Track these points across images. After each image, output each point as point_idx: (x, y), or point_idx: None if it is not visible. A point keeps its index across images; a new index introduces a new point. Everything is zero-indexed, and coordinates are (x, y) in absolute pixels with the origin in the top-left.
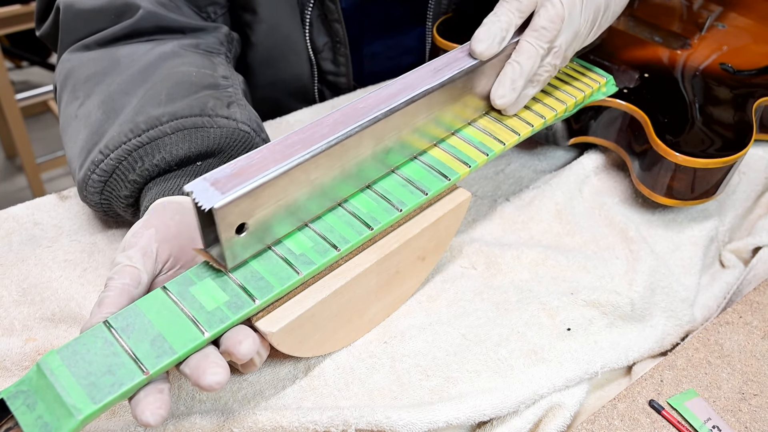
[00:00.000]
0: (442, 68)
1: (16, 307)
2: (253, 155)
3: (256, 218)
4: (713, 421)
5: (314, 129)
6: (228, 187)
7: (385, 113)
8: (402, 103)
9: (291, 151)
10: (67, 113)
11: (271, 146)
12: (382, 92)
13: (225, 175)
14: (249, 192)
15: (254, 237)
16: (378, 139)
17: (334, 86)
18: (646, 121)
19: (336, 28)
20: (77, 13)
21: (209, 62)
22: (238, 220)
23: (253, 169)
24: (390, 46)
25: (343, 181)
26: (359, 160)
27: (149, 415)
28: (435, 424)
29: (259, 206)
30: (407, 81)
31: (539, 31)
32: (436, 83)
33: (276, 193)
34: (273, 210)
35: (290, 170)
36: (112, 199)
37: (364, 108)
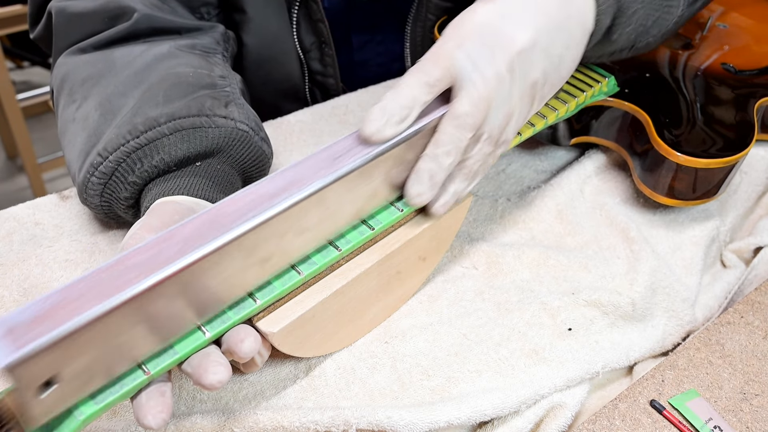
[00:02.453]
0: (341, 155)
1: (16, 307)
2: (71, 287)
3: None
4: (714, 421)
5: (160, 246)
6: (25, 339)
7: (255, 224)
8: (281, 207)
9: (123, 279)
10: (64, 117)
11: (99, 272)
12: (261, 189)
13: (28, 318)
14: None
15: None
16: (250, 251)
17: (323, 87)
18: (647, 121)
19: (320, 27)
20: (70, 17)
21: (206, 62)
22: (43, 376)
23: (68, 308)
24: (380, 53)
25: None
26: (224, 276)
27: (151, 419)
28: (436, 424)
29: (75, 355)
30: (295, 173)
31: (459, 118)
32: (329, 179)
33: (98, 337)
34: (99, 353)
35: (114, 310)
36: (113, 201)
37: (232, 213)
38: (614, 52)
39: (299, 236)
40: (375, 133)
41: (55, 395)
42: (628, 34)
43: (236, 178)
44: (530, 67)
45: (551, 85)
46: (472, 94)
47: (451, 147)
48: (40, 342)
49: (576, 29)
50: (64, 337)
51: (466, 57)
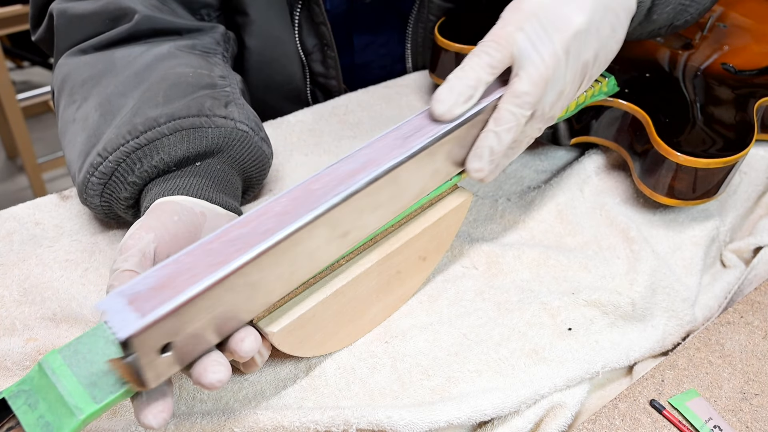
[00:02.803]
0: (412, 134)
1: (17, 307)
2: (182, 258)
3: (184, 335)
4: (714, 421)
5: (258, 220)
6: (148, 307)
7: (342, 198)
8: (363, 184)
9: (228, 251)
10: (65, 117)
11: (206, 244)
12: (341, 168)
13: (146, 289)
14: (172, 312)
15: (183, 351)
16: (334, 225)
17: (325, 88)
18: (647, 121)
19: (322, 30)
20: (71, 19)
21: (206, 62)
22: (162, 342)
23: (181, 278)
24: (382, 54)
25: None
26: (312, 248)
27: (152, 419)
28: (436, 423)
29: (188, 322)
30: (371, 152)
31: (520, 97)
32: (403, 156)
33: (208, 305)
34: (207, 320)
35: (223, 280)
36: (112, 201)
37: (319, 190)
38: (653, 30)
39: (373, 212)
40: (446, 112)
41: (169, 359)
42: (668, 13)
43: (236, 178)
44: (584, 48)
45: (599, 66)
46: (532, 75)
47: (512, 124)
48: (161, 311)
49: (621, 11)
50: (182, 305)
51: (526, 39)
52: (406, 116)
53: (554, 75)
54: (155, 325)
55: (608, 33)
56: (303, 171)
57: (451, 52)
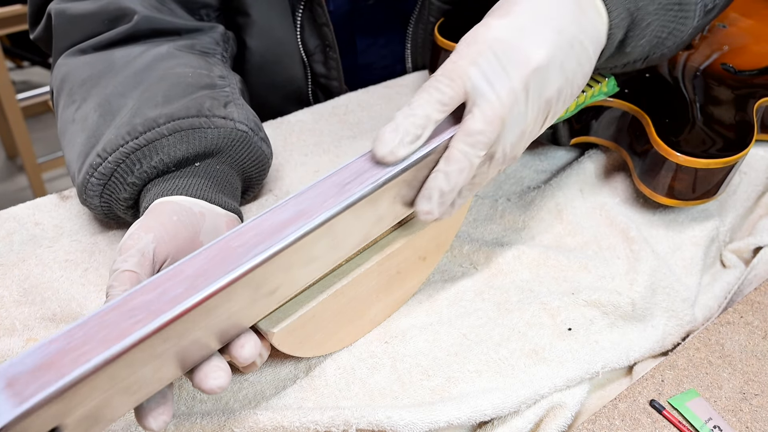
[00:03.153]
0: (350, 181)
1: (17, 307)
2: (74, 330)
3: (77, 415)
4: (714, 421)
5: (165, 285)
6: (28, 392)
7: (265, 257)
8: (291, 240)
9: (126, 325)
10: (64, 117)
11: (101, 315)
12: (267, 221)
13: (28, 369)
14: (57, 395)
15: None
16: (258, 285)
17: (326, 89)
18: (647, 121)
19: (325, 31)
20: (70, 19)
21: (205, 62)
22: (48, 426)
23: (71, 355)
24: (383, 55)
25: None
26: (233, 311)
27: (152, 421)
28: (436, 424)
29: (79, 404)
30: (304, 201)
31: (473, 135)
32: (339, 207)
33: (105, 383)
34: (106, 396)
35: (121, 355)
36: (112, 202)
37: (239, 248)
38: (627, 63)
39: (307, 266)
40: (388, 154)
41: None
42: (642, 46)
43: (235, 178)
44: (545, 85)
45: (564, 102)
46: (487, 113)
47: (464, 164)
48: (42, 395)
49: (589, 44)
50: (67, 388)
51: (480, 74)
52: None
53: (511, 113)
54: (36, 411)
55: (574, 67)
56: (302, 171)
57: (450, 53)
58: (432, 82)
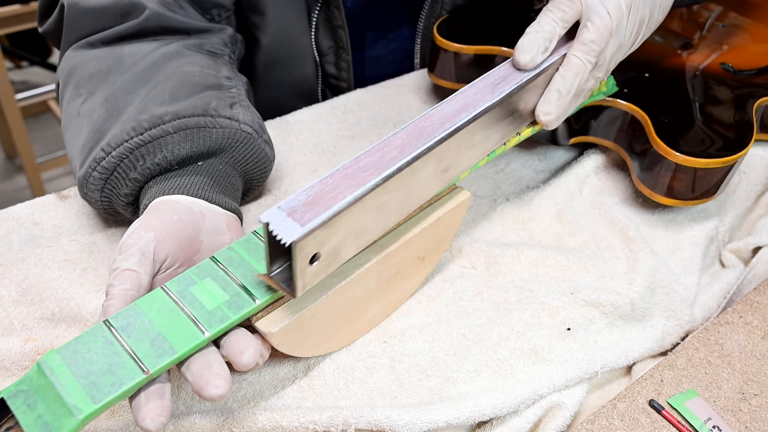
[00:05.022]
0: (499, 83)
1: (15, 307)
2: (325, 180)
3: (328, 246)
4: (713, 421)
5: (382, 150)
6: (306, 218)
7: (449, 133)
8: (464, 122)
9: (363, 175)
10: (69, 110)
11: (342, 170)
12: (443, 109)
13: (300, 204)
14: (326, 222)
15: (324, 265)
16: (440, 159)
17: (336, 89)
18: (646, 121)
19: (340, 34)
20: (83, 12)
21: (213, 63)
22: (314, 251)
23: (328, 196)
24: (392, 49)
25: (406, 201)
26: (423, 179)
27: (150, 422)
28: (435, 423)
29: (333, 235)
30: (466, 97)
31: (588, 45)
32: (495, 99)
33: (349, 221)
34: (344, 236)
35: (363, 197)
36: (113, 197)
37: (428, 127)
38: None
39: (468, 151)
40: (529, 61)
41: (315, 270)
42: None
43: (237, 179)
44: (642, 5)
45: (651, 25)
46: (599, 25)
47: (579, 69)
48: (317, 220)
49: None
50: (331, 218)
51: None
52: (405, 116)
53: (618, 27)
54: (312, 233)
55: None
56: (302, 171)
57: (450, 52)
58: (554, 3)
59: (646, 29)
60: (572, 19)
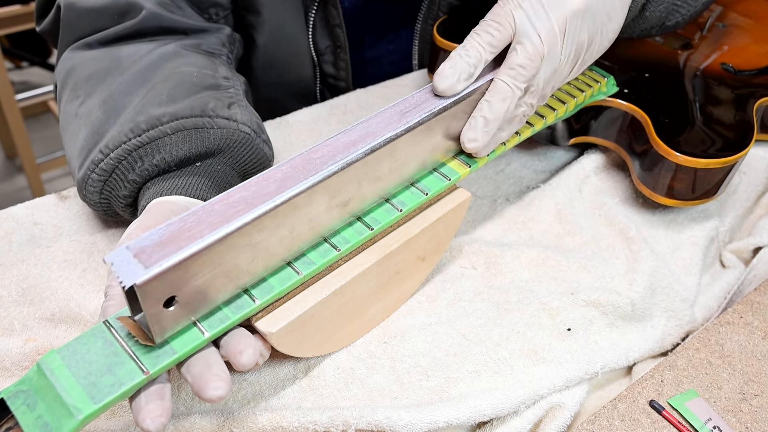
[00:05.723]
0: (409, 111)
1: (15, 307)
2: (186, 218)
3: (188, 289)
4: (714, 422)
5: (260, 184)
6: (153, 260)
7: (340, 167)
8: (360, 153)
9: (230, 212)
10: (67, 112)
11: (209, 206)
12: (340, 139)
13: (152, 243)
14: (177, 264)
15: (186, 308)
16: (334, 193)
17: (334, 89)
18: (646, 121)
19: (337, 33)
20: (79, 12)
21: (210, 63)
22: (167, 294)
23: (186, 235)
24: (391, 51)
25: (292, 239)
26: (312, 215)
27: (150, 423)
28: (435, 424)
29: (191, 277)
30: (369, 126)
31: (516, 69)
32: (400, 129)
33: (212, 261)
34: (210, 277)
35: (227, 237)
36: (112, 199)
37: (318, 159)
38: (645, 29)
39: (373, 183)
40: (448, 88)
41: (175, 313)
42: (660, 11)
43: (235, 179)
44: (579, 29)
45: (593, 52)
46: (528, 49)
47: (507, 94)
48: (166, 262)
49: (618, 2)
50: (184, 260)
51: (524, 16)
52: None
53: (550, 52)
54: (159, 277)
55: (604, 20)
56: None
57: (450, 52)
58: (483, 26)
59: (586, 55)
60: (501, 43)
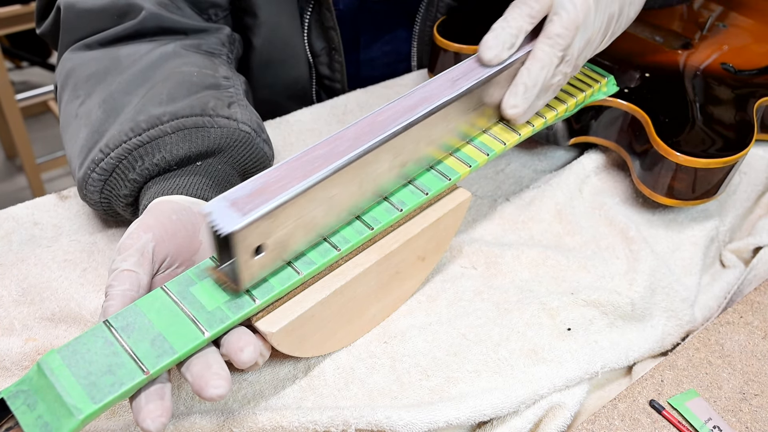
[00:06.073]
0: (459, 78)
1: (15, 307)
2: (272, 172)
3: (274, 238)
4: (714, 422)
5: (334, 143)
6: (248, 208)
7: (404, 127)
8: (421, 115)
9: (311, 167)
10: (67, 112)
11: (292, 162)
12: (401, 103)
13: (245, 194)
14: (268, 213)
15: (271, 257)
16: (396, 152)
17: (330, 90)
18: (647, 121)
19: (331, 34)
20: (79, 13)
21: (210, 62)
22: (257, 242)
23: (274, 187)
24: (387, 52)
25: (359, 195)
26: (377, 173)
27: (150, 423)
28: (435, 424)
29: (278, 226)
30: (425, 91)
31: (553, 38)
32: (454, 94)
33: (296, 212)
34: (292, 228)
35: (310, 188)
36: (112, 198)
37: (383, 121)
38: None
39: (427, 146)
40: (493, 57)
41: (261, 262)
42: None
43: (236, 178)
44: (610, 1)
45: (621, 23)
46: (565, 19)
47: (545, 62)
48: (259, 210)
49: None
50: (275, 209)
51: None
52: None
53: (584, 21)
54: (253, 224)
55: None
56: None
57: (450, 52)
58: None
59: (616, 26)
60: (539, 14)
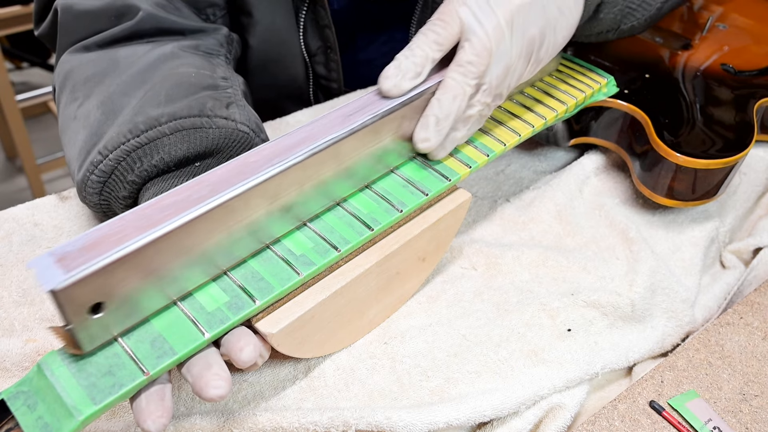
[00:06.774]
0: (354, 113)
1: (16, 308)
2: (114, 223)
3: (117, 295)
4: (714, 422)
5: (192, 189)
6: (74, 265)
7: (277, 170)
8: (299, 156)
9: (160, 217)
10: (66, 114)
11: (139, 210)
12: (281, 143)
13: (75, 249)
14: (100, 270)
15: (117, 315)
16: (272, 197)
17: (327, 90)
18: (646, 122)
19: (327, 33)
20: (76, 15)
21: (208, 63)
22: (91, 300)
23: (110, 240)
24: (384, 52)
25: (233, 242)
26: (254, 219)
27: (151, 424)
28: (435, 424)
29: (119, 282)
30: (310, 129)
31: (464, 66)
32: (343, 132)
33: (141, 266)
34: (139, 284)
35: (154, 241)
36: (111, 200)
37: (255, 163)
38: (600, 32)
39: (318, 187)
40: (392, 87)
41: (103, 321)
42: (614, 14)
43: None
44: (528, 24)
45: (547, 49)
46: (475, 45)
47: (457, 91)
48: (89, 268)
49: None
50: (108, 265)
51: (470, 13)
52: None
53: (498, 47)
54: (80, 282)
55: (555, 14)
56: None
57: None
58: (429, 25)
59: (540, 52)
60: (447, 41)
